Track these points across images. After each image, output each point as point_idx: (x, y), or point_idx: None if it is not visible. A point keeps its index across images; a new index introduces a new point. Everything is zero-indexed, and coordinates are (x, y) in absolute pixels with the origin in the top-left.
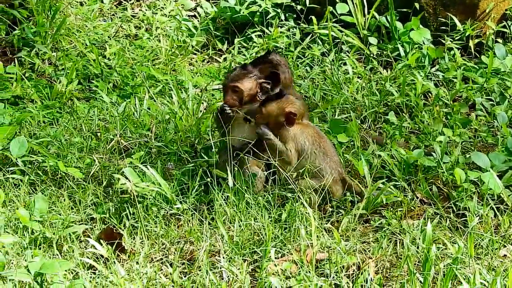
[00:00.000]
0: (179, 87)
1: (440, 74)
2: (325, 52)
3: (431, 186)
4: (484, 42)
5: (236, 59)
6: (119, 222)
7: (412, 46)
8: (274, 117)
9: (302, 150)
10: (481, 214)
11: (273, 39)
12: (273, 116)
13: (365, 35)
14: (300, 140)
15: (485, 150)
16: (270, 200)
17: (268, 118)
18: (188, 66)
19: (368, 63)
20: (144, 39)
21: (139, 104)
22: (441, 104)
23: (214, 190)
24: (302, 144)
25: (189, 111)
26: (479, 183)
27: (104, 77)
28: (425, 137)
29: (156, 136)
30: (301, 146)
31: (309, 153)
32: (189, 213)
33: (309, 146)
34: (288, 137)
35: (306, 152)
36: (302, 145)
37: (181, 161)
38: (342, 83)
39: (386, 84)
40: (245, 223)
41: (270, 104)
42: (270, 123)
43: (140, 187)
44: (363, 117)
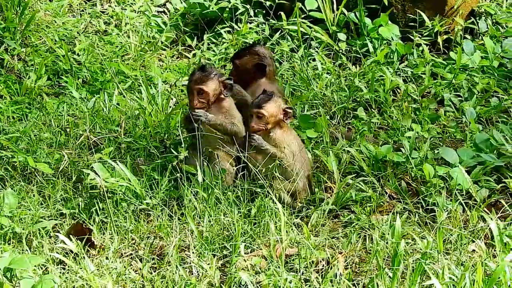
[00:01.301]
0: (148, 82)
1: (409, 70)
2: (294, 48)
3: (400, 181)
4: (452, 38)
5: (206, 55)
6: (89, 218)
7: (381, 42)
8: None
9: (294, 151)
10: (450, 209)
11: (242, 35)
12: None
13: (334, 31)
14: (291, 141)
15: (453, 146)
16: (239, 196)
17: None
18: (157, 62)
19: (337, 59)
20: (113, 35)
21: (108, 99)
22: (410, 100)
23: (184, 186)
24: (293, 145)
25: (158, 106)
26: (448, 179)
27: (73, 73)
28: (394, 133)
29: (125, 132)
30: (293, 147)
31: (298, 155)
32: (158, 209)
33: (297, 147)
34: (281, 141)
35: (296, 154)
36: (293, 146)
37: (151, 156)
38: (312, 79)
39: (355, 80)
40: (214, 218)
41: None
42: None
43: (110, 182)
44: (332, 112)
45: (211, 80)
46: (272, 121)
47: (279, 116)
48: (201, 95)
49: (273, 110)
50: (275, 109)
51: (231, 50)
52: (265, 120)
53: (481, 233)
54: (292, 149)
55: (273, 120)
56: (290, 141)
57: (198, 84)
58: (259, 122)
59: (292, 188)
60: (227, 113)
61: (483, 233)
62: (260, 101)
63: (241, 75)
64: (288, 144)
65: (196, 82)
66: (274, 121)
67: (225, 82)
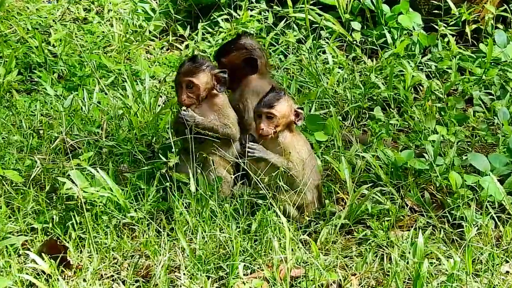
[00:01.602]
0: (134, 78)
1: (432, 64)
2: (302, 38)
3: (422, 192)
4: (482, 28)
5: (200, 47)
6: (64, 233)
7: (401, 32)
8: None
9: (304, 159)
10: (480, 224)
11: (242, 23)
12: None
13: (347, 20)
14: (301, 146)
15: (484, 151)
16: (238, 208)
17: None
18: (144, 54)
19: (350, 51)
20: (94, 23)
21: (88, 97)
22: (434, 99)
23: (174, 196)
24: (303, 152)
25: (145, 105)
26: (478, 189)
27: (48, 67)
28: (415, 136)
29: (107, 134)
30: (303, 154)
31: (307, 163)
32: (144, 223)
33: (307, 154)
34: (291, 146)
35: (306, 162)
36: (303, 152)
37: (136, 162)
38: (321, 74)
39: (371, 76)
40: (209, 234)
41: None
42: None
43: (89, 192)
44: (344, 112)
45: (202, 72)
46: (282, 123)
47: (290, 117)
48: (190, 89)
49: (285, 110)
50: (287, 109)
51: None
52: (276, 121)
53: None
54: (301, 156)
55: (284, 121)
56: (300, 147)
57: (187, 76)
58: (269, 124)
59: (299, 201)
60: (220, 112)
61: None
62: (271, 100)
63: (230, 74)
64: (298, 150)
65: (185, 73)
66: (285, 123)
67: (219, 76)
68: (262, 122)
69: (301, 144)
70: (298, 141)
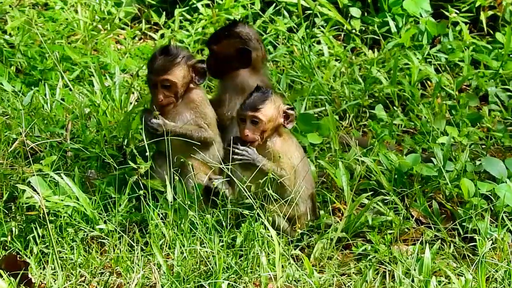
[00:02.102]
0: (102, 71)
1: (442, 56)
2: (293, 27)
3: (430, 201)
4: (499, 15)
5: (177, 36)
6: (25, 247)
7: (406, 19)
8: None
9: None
10: (495, 238)
11: (225, 9)
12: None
13: (345, 5)
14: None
15: (500, 156)
16: (221, 219)
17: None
18: (114, 45)
19: (349, 41)
20: (56, 9)
21: (50, 94)
22: (444, 95)
23: (148, 206)
24: (295, 158)
25: (115, 103)
26: (493, 198)
27: (4, 59)
28: (422, 138)
29: (72, 136)
30: (295, 160)
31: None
32: (115, 236)
33: (299, 160)
34: (282, 152)
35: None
36: (295, 158)
37: (106, 168)
38: (315, 67)
39: (372, 69)
40: (188, 248)
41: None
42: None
43: (52, 201)
44: (342, 111)
45: (178, 67)
46: (270, 128)
47: (278, 120)
48: (167, 88)
49: (272, 113)
50: (274, 111)
51: (211, 30)
52: (262, 126)
53: None
54: (293, 163)
55: (271, 126)
56: (292, 153)
57: (161, 74)
58: (255, 129)
59: (291, 212)
60: (197, 110)
61: None
62: (256, 102)
63: (220, 64)
64: (290, 156)
65: (159, 71)
66: (273, 127)
67: (197, 67)
68: (247, 127)
69: (292, 149)
70: (290, 146)
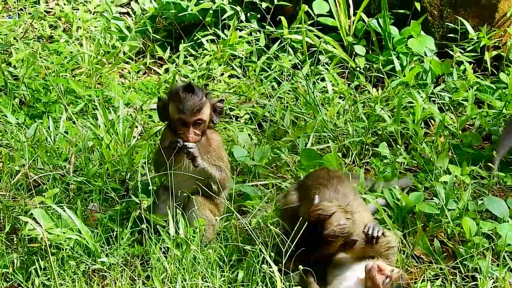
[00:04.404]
0: (106, 105)
1: (446, 96)
2: (298, 63)
3: (432, 239)
4: (503, 55)
5: (181, 71)
6: (26, 279)
7: (411, 58)
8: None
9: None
10: (496, 277)
11: (230, 45)
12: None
13: (349, 43)
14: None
15: (502, 195)
16: (223, 254)
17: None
18: (118, 79)
19: (353, 79)
20: (61, 42)
21: (53, 126)
22: (447, 134)
23: (151, 240)
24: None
25: (119, 137)
26: (494, 237)
27: (8, 91)
28: (425, 177)
29: (75, 169)
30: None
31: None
32: (117, 269)
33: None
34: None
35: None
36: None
37: (108, 201)
38: (319, 104)
39: (376, 107)
40: (190, 283)
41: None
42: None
43: (54, 234)
44: (345, 148)
45: (206, 105)
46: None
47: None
48: (197, 126)
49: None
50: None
51: (215, 65)
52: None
53: None
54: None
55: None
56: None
57: (195, 114)
58: (197, 130)
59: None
60: (215, 153)
61: None
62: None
63: None
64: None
65: (193, 112)
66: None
67: (216, 105)
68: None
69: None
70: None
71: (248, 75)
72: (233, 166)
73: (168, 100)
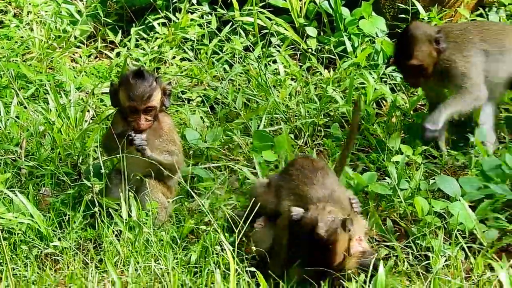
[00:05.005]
0: (57, 89)
1: (397, 76)
2: (249, 46)
3: (384, 219)
4: None
5: (133, 54)
6: None
7: (362, 39)
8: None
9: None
10: (449, 255)
11: (181, 28)
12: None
13: (301, 25)
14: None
15: (454, 174)
16: (176, 236)
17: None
18: (69, 63)
19: (304, 60)
20: (11, 27)
21: (4, 111)
22: (399, 115)
23: (103, 223)
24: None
25: (70, 121)
26: (447, 216)
27: None
28: (377, 157)
29: (27, 153)
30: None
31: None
32: (70, 253)
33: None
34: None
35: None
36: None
37: (60, 185)
38: (271, 86)
39: (328, 88)
40: (143, 265)
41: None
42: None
43: (6, 218)
44: (297, 130)
45: (156, 90)
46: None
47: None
48: (148, 113)
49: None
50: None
51: (167, 48)
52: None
53: (488, 286)
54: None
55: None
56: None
57: (146, 101)
58: (148, 116)
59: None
60: (167, 136)
61: (490, 286)
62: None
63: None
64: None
65: (144, 99)
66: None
67: (166, 88)
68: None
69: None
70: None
71: (199, 58)
72: (186, 149)
73: (119, 86)
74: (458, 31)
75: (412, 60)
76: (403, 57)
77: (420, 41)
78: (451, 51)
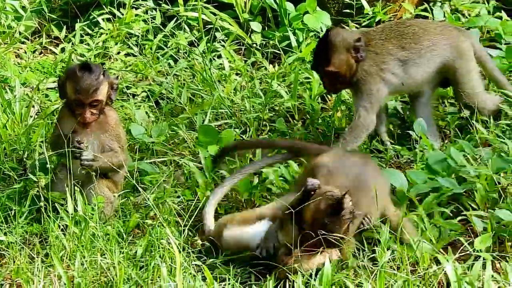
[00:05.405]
0: (2, 85)
1: None
2: (194, 41)
3: None
4: None
5: (78, 50)
6: None
7: (307, 34)
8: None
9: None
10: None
11: (126, 24)
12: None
13: (245, 20)
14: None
15: (400, 167)
16: (122, 231)
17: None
18: (14, 59)
19: (249, 55)
20: None
21: None
22: (344, 109)
23: (49, 218)
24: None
25: (15, 116)
26: None
27: None
28: None
29: None
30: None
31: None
32: (16, 248)
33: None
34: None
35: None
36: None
37: (6, 180)
38: (216, 81)
39: (272, 83)
40: (89, 260)
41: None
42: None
43: None
44: (243, 124)
45: (103, 84)
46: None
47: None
48: (94, 107)
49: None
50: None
51: (112, 44)
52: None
53: (434, 279)
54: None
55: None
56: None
57: (92, 95)
58: (94, 110)
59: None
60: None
61: (436, 279)
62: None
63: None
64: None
65: (90, 92)
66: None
67: (113, 83)
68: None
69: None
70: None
71: (144, 53)
72: (131, 144)
73: (65, 79)
74: (379, 40)
75: (329, 67)
76: (321, 63)
77: (338, 48)
78: (370, 62)
